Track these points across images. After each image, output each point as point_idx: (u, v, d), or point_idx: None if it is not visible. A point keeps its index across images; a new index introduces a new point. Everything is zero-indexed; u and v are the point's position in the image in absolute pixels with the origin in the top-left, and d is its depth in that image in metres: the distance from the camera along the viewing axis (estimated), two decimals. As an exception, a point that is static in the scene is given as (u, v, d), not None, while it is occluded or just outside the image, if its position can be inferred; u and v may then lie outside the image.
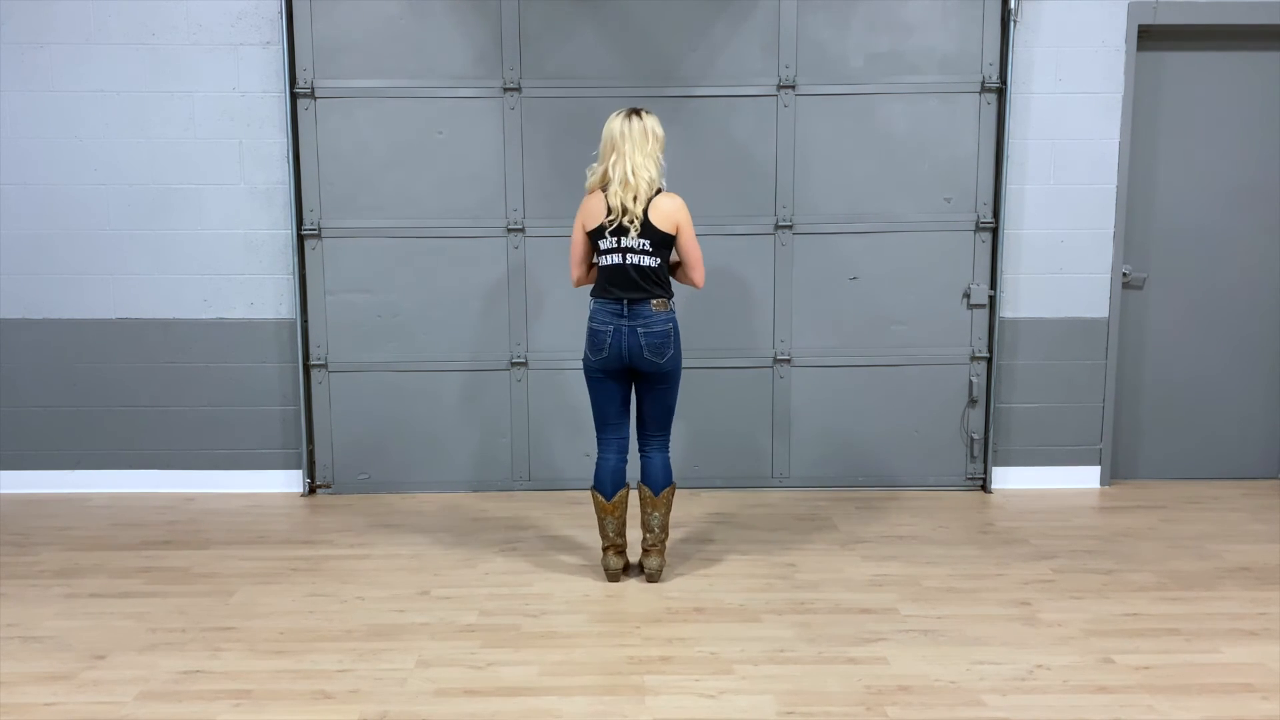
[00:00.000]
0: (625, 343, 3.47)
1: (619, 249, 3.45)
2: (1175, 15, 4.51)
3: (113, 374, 4.69)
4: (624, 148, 3.40)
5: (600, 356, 3.52)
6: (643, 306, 3.47)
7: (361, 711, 2.71)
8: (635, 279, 3.45)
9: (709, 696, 2.78)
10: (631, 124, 3.41)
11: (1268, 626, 3.23)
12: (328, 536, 4.15)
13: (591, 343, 3.54)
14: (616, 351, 3.48)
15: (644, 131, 3.41)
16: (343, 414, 4.71)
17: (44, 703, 2.76)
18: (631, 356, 3.49)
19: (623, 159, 3.40)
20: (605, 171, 3.46)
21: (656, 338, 3.48)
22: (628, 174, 3.39)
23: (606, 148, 3.45)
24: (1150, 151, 4.69)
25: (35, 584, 3.64)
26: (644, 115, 3.44)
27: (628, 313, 3.47)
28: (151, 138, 4.54)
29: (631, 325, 3.47)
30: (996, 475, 4.77)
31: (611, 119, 3.45)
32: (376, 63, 4.50)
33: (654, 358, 3.49)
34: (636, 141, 3.40)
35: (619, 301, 3.47)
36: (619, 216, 3.42)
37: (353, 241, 4.61)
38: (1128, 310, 4.77)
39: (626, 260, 3.45)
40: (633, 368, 3.52)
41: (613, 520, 3.60)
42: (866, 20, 4.50)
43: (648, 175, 3.40)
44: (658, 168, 3.45)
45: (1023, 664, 2.97)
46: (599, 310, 3.52)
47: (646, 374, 3.54)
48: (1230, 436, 4.88)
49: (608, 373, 3.55)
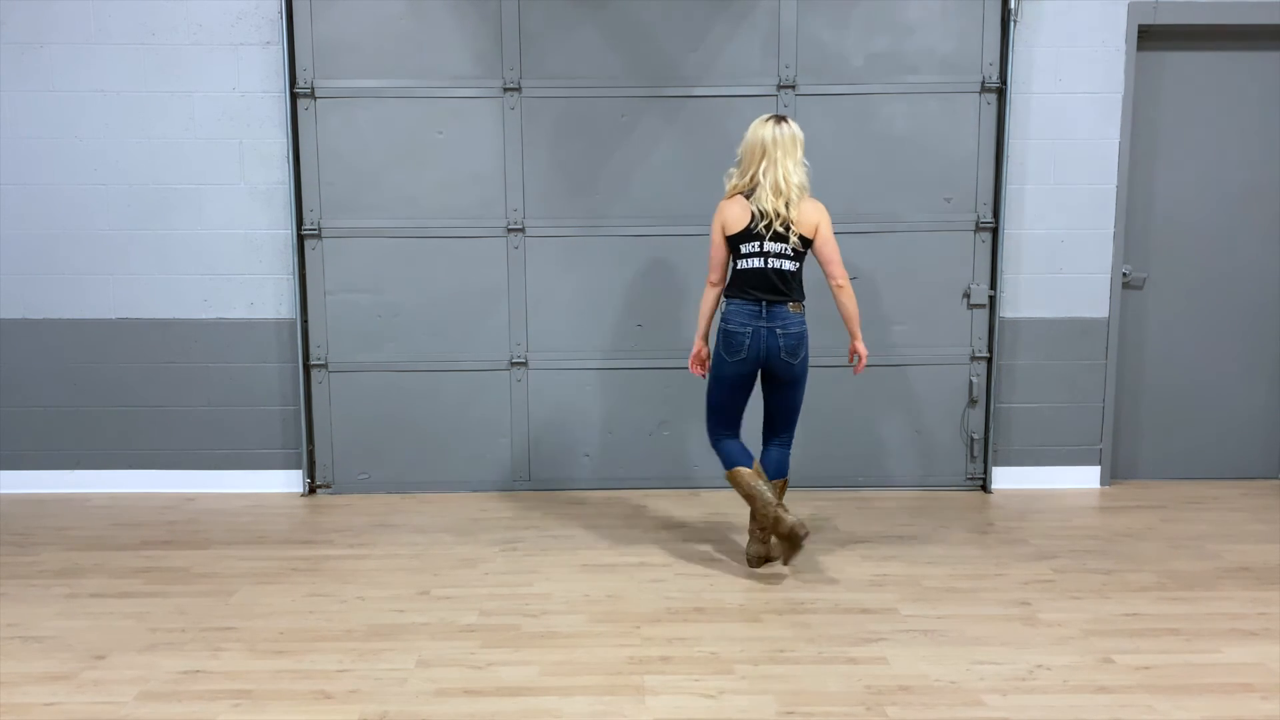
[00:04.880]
0: (764, 344, 3.51)
1: (761, 253, 3.49)
2: (1175, 15, 4.51)
3: (113, 374, 4.69)
4: (775, 154, 3.44)
5: (737, 358, 3.55)
6: (780, 309, 3.52)
7: (361, 711, 2.71)
8: (775, 282, 3.50)
9: (709, 696, 2.78)
10: (781, 130, 3.45)
11: (1268, 626, 3.23)
12: (328, 536, 4.15)
13: (727, 344, 3.56)
14: (754, 353, 3.53)
15: (793, 138, 3.46)
16: (343, 414, 4.71)
17: (44, 703, 2.76)
18: (769, 357, 3.53)
19: (774, 165, 3.44)
20: (753, 176, 3.48)
21: (793, 339, 3.53)
22: (779, 180, 3.44)
23: (753, 153, 3.48)
24: (1150, 151, 4.69)
25: (35, 584, 3.63)
26: (789, 122, 3.49)
27: (766, 314, 3.51)
28: (151, 138, 4.54)
29: (770, 327, 3.51)
30: (996, 475, 4.77)
31: (758, 126, 3.48)
32: (376, 63, 4.50)
33: (789, 359, 3.54)
34: (786, 148, 3.45)
35: (758, 303, 3.51)
36: (770, 220, 3.45)
37: (353, 241, 4.61)
38: (1128, 310, 4.77)
39: (768, 264, 3.49)
40: (767, 369, 3.57)
41: (767, 484, 3.59)
42: (866, 20, 4.50)
43: (798, 181, 3.46)
44: (806, 173, 3.50)
45: (1023, 664, 2.97)
46: (736, 312, 3.55)
47: (779, 375, 3.58)
48: (1230, 436, 4.88)
49: (741, 374, 3.58)
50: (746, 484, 3.60)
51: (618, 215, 4.62)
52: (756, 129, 3.48)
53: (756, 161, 3.48)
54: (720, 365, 3.61)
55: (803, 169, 3.50)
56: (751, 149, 3.49)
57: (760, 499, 3.56)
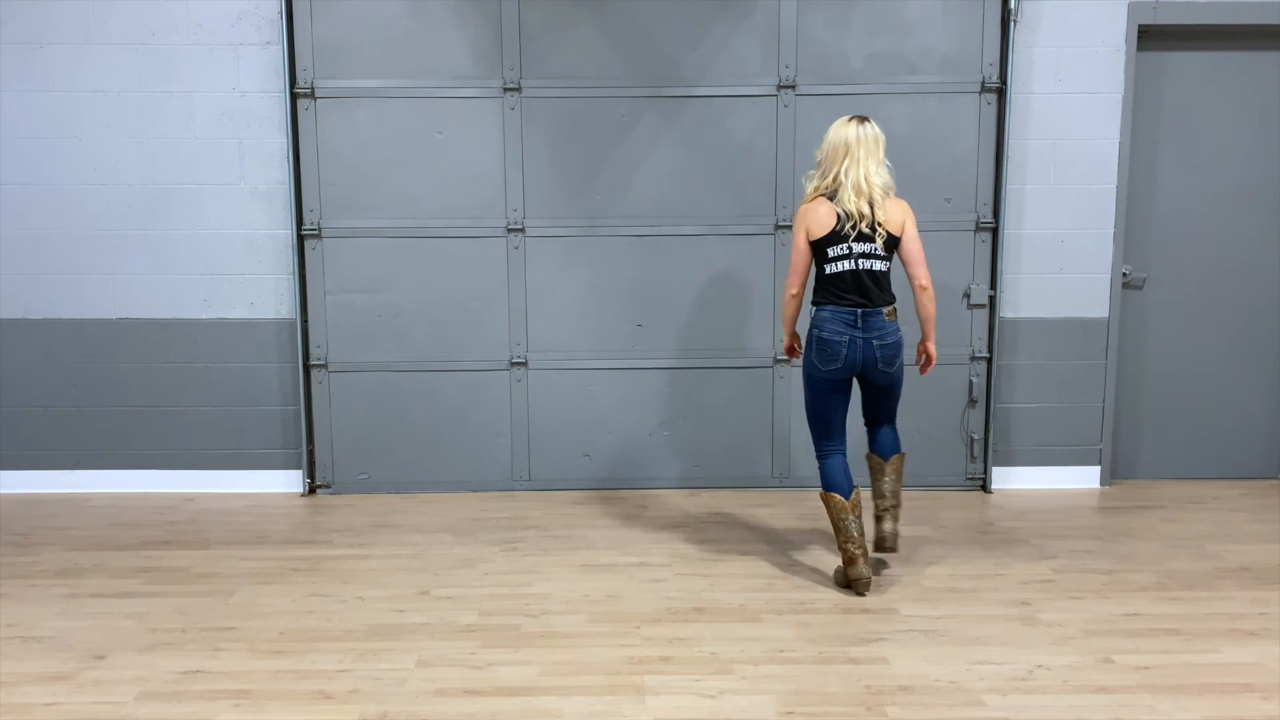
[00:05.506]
0: (860, 354, 3.46)
1: (850, 255, 3.44)
2: (1175, 15, 4.51)
3: (113, 374, 4.69)
4: (858, 153, 3.40)
5: (833, 367, 3.49)
6: (876, 318, 3.46)
7: (361, 711, 2.71)
8: (868, 284, 3.45)
9: (709, 696, 2.78)
10: (864, 130, 3.41)
11: (1268, 626, 3.23)
12: (328, 536, 4.15)
13: (822, 353, 3.49)
14: (851, 363, 3.48)
15: (875, 138, 3.43)
16: (343, 414, 4.71)
17: (44, 703, 2.76)
18: (865, 367, 3.49)
19: (856, 165, 3.40)
20: (835, 177, 3.44)
21: (890, 349, 3.49)
22: (860, 180, 3.40)
23: (835, 154, 3.43)
24: (1150, 151, 4.69)
25: (35, 584, 3.63)
26: (871, 122, 3.45)
27: (861, 323, 3.46)
28: (151, 138, 4.54)
29: (866, 337, 3.46)
30: (996, 475, 4.77)
31: (840, 126, 3.44)
32: (376, 63, 4.50)
33: (886, 368, 3.51)
34: (869, 147, 3.42)
35: (852, 311, 3.46)
36: (856, 221, 3.41)
37: (353, 241, 4.61)
38: (1128, 310, 4.77)
39: (859, 266, 3.44)
40: (863, 376, 3.54)
41: (855, 520, 3.47)
42: (866, 20, 4.50)
43: (881, 181, 3.43)
44: (890, 173, 3.48)
45: (1023, 664, 2.97)
46: (830, 319, 3.48)
47: (876, 383, 3.56)
48: (1230, 436, 4.88)
49: (837, 382, 3.53)
50: (836, 514, 3.51)
51: (618, 215, 4.62)
52: (839, 129, 3.44)
53: (839, 161, 3.42)
54: (814, 372, 3.54)
55: (885, 169, 3.46)
56: (834, 149, 3.44)
57: (845, 533, 3.47)
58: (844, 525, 3.47)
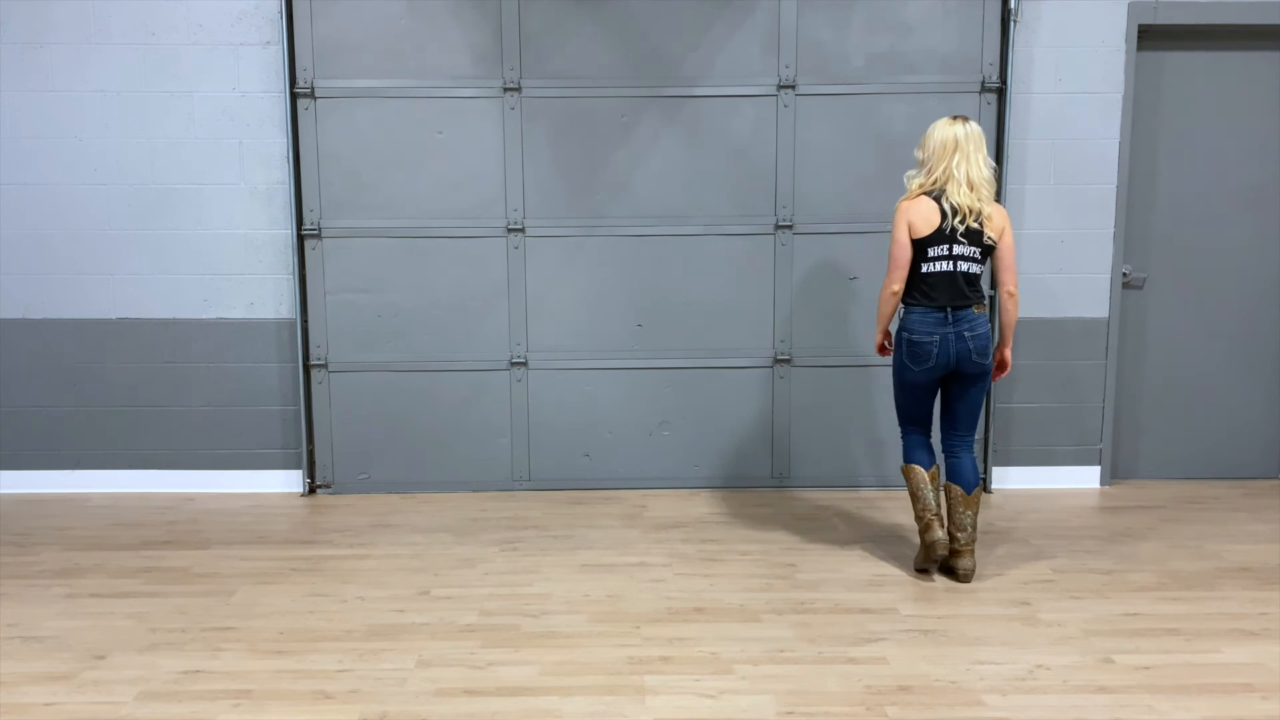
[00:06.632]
0: (953, 350, 3.47)
1: (949, 255, 3.44)
2: (1175, 15, 4.51)
3: (113, 374, 4.69)
4: (967, 148, 3.41)
5: (924, 366, 3.51)
6: (966, 312, 3.47)
7: (361, 711, 2.71)
8: (962, 286, 3.46)
9: (709, 696, 2.78)
10: (969, 128, 3.43)
11: (1268, 626, 3.23)
12: (328, 536, 4.15)
13: (913, 354, 3.51)
14: (944, 360, 3.49)
15: (980, 136, 3.45)
16: (343, 414, 4.71)
17: (44, 703, 2.76)
18: (959, 361, 3.49)
19: (966, 159, 3.41)
20: (945, 171, 3.43)
21: (982, 340, 3.49)
22: (972, 174, 3.41)
23: (944, 149, 3.43)
24: (1150, 151, 4.69)
25: (35, 584, 3.63)
26: (973, 121, 3.47)
27: (952, 319, 3.47)
28: (151, 138, 4.54)
29: (958, 331, 3.46)
30: (996, 475, 4.77)
31: (945, 125, 3.45)
32: (376, 63, 4.50)
33: (980, 359, 3.50)
34: (976, 143, 3.43)
35: (942, 310, 3.46)
36: (964, 216, 3.41)
37: (353, 241, 4.61)
38: (1128, 310, 4.77)
39: (957, 268, 3.45)
40: (957, 371, 3.53)
41: (933, 490, 3.57)
42: (866, 20, 4.50)
43: (989, 175, 3.45)
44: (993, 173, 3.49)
45: (1023, 664, 2.97)
46: (920, 320, 3.49)
47: (968, 374, 3.54)
48: (1230, 436, 4.88)
49: (929, 381, 3.55)
50: (916, 484, 3.58)
51: (618, 215, 4.62)
52: (944, 128, 3.45)
53: (948, 156, 3.42)
54: (904, 372, 3.56)
55: (990, 168, 3.46)
56: (943, 145, 3.43)
57: (923, 501, 3.56)
58: (922, 494, 3.56)
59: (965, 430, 3.64)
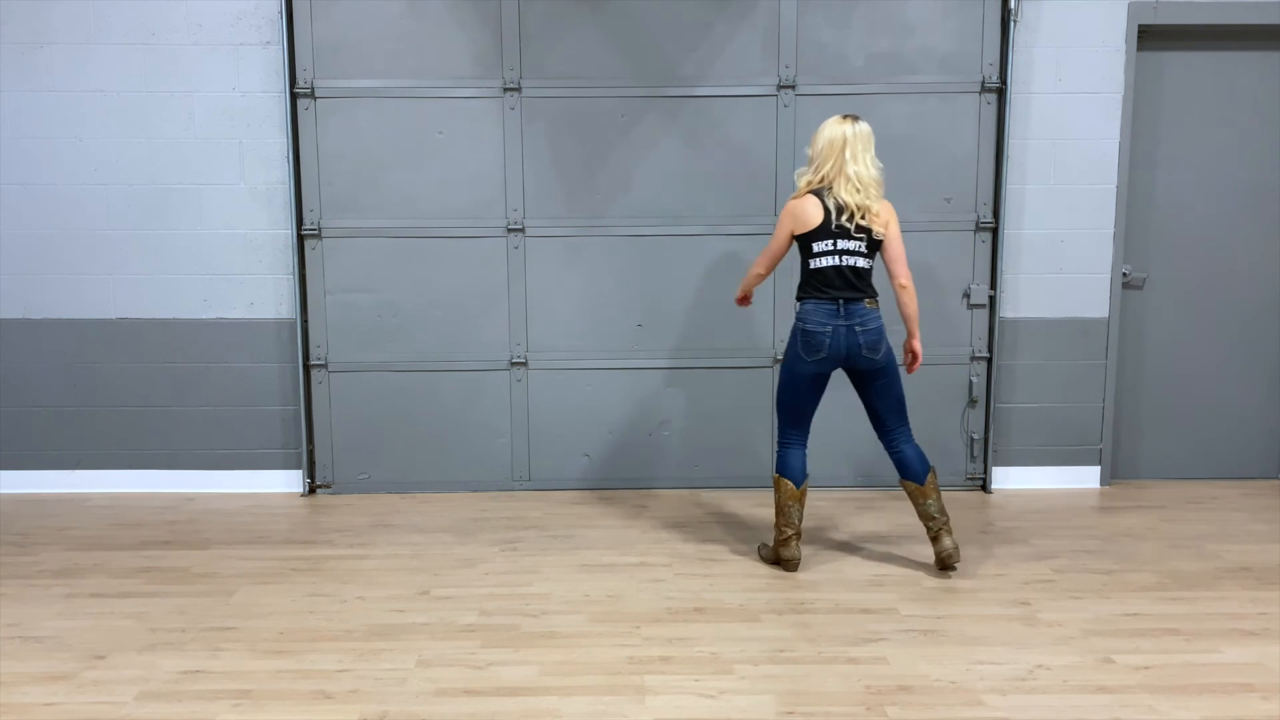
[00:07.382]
0: (844, 342, 3.52)
1: (834, 250, 3.50)
2: (1175, 15, 4.51)
3: (113, 374, 4.69)
4: (855, 147, 3.47)
5: (817, 357, 3.55)
6: (858, 305, 3.53)
7: (361, 711, 2.71)
8: (851, 279, 3.51)
9: (709, 696, 2.78)
10: (858, 127, 3.48)
11: (1268, 626, 3.23)
12: (328, 536, 4.15)
13: (806, 344, 3.56)
14: (835, 352, 3.53)
15: (868, 135, 3.50)
16: (343, 414, 4.72)
17: (44, 703, 2.76)
18: (850, 355, 3.54)
19: (854, 159, 3.47)
20: (831, 169, 3.49)
21: (873, 335, 3.54)
22: (859, 174, 3.47)
23: (830, 148, 3.49)
24: (1150, 151, 4.69)
25: (35, 584, 3.63)
26: (862, 120, 3.52)
27: (844, 312, 3.52)
28: (151, 138, 4.55)
29: (849, 325, 3.52)
30: (996, 475, 4.78)
31: (832, 125, 3.50)
32: (376, 63, 4.50)
33: (871, 354, 3.54)
34: (865, 142, 3.49)
35: (835, 302, 3.52)
36: (851, 214, 3.46)
37: (353, 241, 4.61)
38: (1128, 310, 4.78)
39: (842, 262, 3.51)
40: (850, 367, 3.58)
41: (799, 508, 3.67)
42: (866, 20, 4.50)
43: (875, 174, 3.50)
44: (880, 172, 3.53)
45: (1023, 664, 2.97)
46: (814, 311, 3.55)
47: (865, 370, 3.59)
48: (1230, 436, 4.88)
49: (818, 374, 3.60)
50: (784, 498, 3.66)
51: (618, 215, 4.62)
52: (833, 126, 3.50)
53: (835, 155, 3.48)
54: (797, 364, 3.60)
55: (877, 166, 3.52)
56: (830, 144, 3.49)
57: (785, 516, 3.67)
58: (788, 510, 3.67)
59: (896, 423, 3.67)
